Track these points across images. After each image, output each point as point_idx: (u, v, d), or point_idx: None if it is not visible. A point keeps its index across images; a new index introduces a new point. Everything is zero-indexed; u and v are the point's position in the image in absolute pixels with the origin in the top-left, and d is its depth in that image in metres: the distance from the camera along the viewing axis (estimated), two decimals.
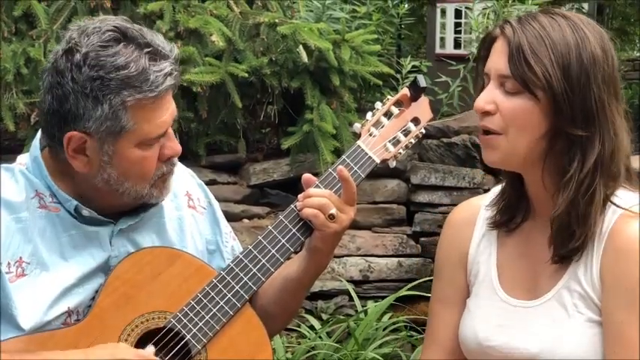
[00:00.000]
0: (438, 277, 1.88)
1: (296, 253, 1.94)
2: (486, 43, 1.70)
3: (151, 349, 1.77)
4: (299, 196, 1.86)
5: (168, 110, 1.79)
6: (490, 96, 1.65)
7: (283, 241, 1.86)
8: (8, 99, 3.89)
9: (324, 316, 3.45)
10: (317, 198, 1.84)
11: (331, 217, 1.83)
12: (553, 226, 1.66)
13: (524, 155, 1.65)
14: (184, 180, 2.01)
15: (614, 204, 1.64)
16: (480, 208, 1.84)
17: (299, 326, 3.26)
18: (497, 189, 1.83)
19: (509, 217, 1.76)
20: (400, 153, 1.95)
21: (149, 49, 1.74)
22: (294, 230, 1.86)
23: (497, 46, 1.66)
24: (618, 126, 1.64)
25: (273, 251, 1.86)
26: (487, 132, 1.67)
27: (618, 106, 1.65)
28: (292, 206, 1.87)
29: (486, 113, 1.65)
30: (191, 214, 1.99)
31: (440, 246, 1.89)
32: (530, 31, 1.62)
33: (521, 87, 1.61)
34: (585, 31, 1.63)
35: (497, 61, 1.65)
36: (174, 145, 1.82)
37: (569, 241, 1.64)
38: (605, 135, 1.62)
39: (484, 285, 1.77)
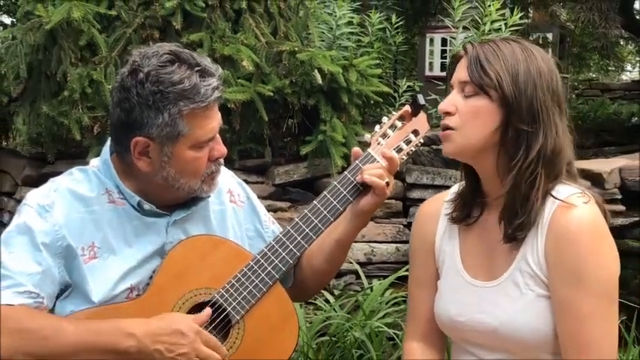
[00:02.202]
0: (412, 264, 1.89)
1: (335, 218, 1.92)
2: (454, 63, 1.73)
3: (206, 311, 1.78)
4: (347, 174, 1.87)
5: (216, 119, 1.80)
6: (452, 100, 1.68)
7: (335, 202, 1.86)
8: (75, 113, 3.90)
9: (336, 292, 3.45)
10: (377, 169, 1.84)
11: (387, 184, 1.83)
12: (502, 208, 1.67)
13: (478, 147, 1.66)
14: (227, 180, 2.01)
15: (553, 196, 1.64)
16: (443, 203, 1.85)
17: (315, 299, 3.27)
18: (455, 187, 1.84)
19: (466, 213, 1.77)
20: (403, 159, 1.95)
21: (199, 68, 1.75)
22: (344, 192, 1.86)
23: (460, 63, 1.69)
24: (561, 130, 1.66)
25: (325, 212, 1.86)
26: (445, 128, 1.69)
27: (562, 117, 1.67)
28: (346, 173, 1.87)
29: (448, 113, 1.67)
30: (232, 207, 2.00)
31: (412, 237, 1.91)
32: (486, 47, 1.67)
33: (478, 89, 1.63)
34: (533, 52, 1.68)
35: (459, 71, 1.69)
36: (221, 148, 1.83)
37: (514, 220, 1.64)
38: (547, 132, 1.63)
39: (451, 270, 1.77)
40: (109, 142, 1.88)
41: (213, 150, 1.82)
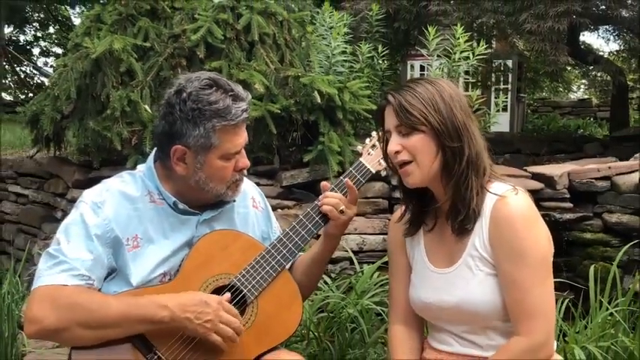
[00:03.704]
0: (390, 261, 1.92)
1: (317, 237, 1.94)
2: (380, 112, 1.76)
3: (227, 295, 1.77)
4: (320, 196, 1.89)
5: (243, 136, 1.81)
6: (395, 142, 1.70)
7: (310, 225, 1.88)
8: (116, 128, 3.89)
9: (333, 275, 3.44)
10: (332, 199, 1.87)
11: (341, 212, 1.86)
12: (449, 208, 1.72)
13: (430, 172, 1.69)
14: (250, 189, 2.04)
15: (491, 192, 1.69)
16: None
17: None
18: (399, 211, 1.88)
19: (418, 226, 1.82)
20: (389, 166, 1.96)
21: (232, 93, 1.76)
22: (316, 218, 1.89)
23: (387, 111, 1.72)
24: (477, 135, 1.70)
25: (303, 232, 1.88)
26: (402, 165, 1.71)
27: (474, 124, 1.71)
28: (316, 202, 1.89)
29: (397, 153, 1.69)
30: (254, 212, 2.01)
31: (387, 240, 1.94)
32: (404, 93, 1.69)
33: (411, 128, 1.66)
34: (441, 83, 1.71)
35: (390, 119, 1.71)
36: (245, 161, 1.84)
37: (458, 216, 1.69)
38: (470, 142, 1.67)
39: (419, 263, 1.81)
40: (153, 152, 1.89)
41: (238, 162, 1.83)
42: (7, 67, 15.35)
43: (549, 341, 1.65)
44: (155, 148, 1.89)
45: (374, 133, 2.00)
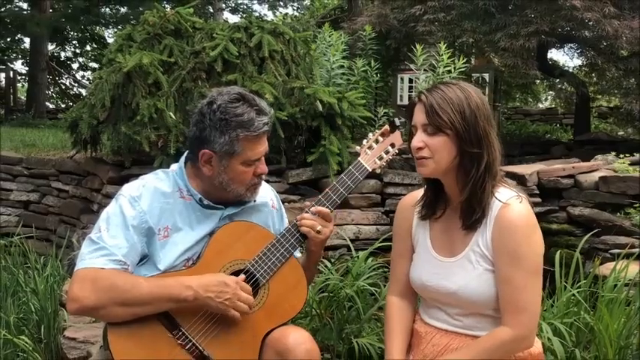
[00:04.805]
0: (395, 240, 1.88)
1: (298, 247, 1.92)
2: (410, 107, 1.71)
3: (241, 276, 1.77)
4: (297, 217, 1.87)
5: (263, 145, 1.81)
6: (419, 138, 1.65)
7: (292, 240, 1.86)
8: (145, 132, 3.88)
9: (333, 260, 3.43)
10: (308, 220, 1.85)
11: (318, 232, 1.83)
12: (462, 206, 1.67)
13: (444, 169, 1.65)
14: (269, 192, 2.04)
15: (497, 199, 1.65)
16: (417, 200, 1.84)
17: (318, 265, 3.24)
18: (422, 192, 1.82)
19: (431, 212, 1.77)
20: (384, 165, 1.96)
21: (256, 108, 1.76)
22: (297, 235, 1.86)
23: (417, 108, 1.66)
24: (496, 144, 1.65)
25: (287, 245, 1.85)
26: (420, 158, 1.67)
27: (494, 131, 1.65)
28: (294, 221, 1.87)
29: (419, 149, 1.65)
30: (272, 211, 2.01)
31: (394, 221, 1.89)
32: (435, 95, 1.62)
33: (437, 130, 1.61)
34: (469, 90, 1.64)
35: (419, 116, 1.65)
36: (264, 167, 1.84)
37: (472, 215, 1.65)
38: (489, 150, 1.62)
39: (423, 248, 1.77)
40: (185, 154, 1.89)
41: (257, 168, 1.83)
42: (49, 79, 15.35)
43: (531, 335, 1.64)
44: (187, 150, 1.89)
45: (370, 135, 2.00)
